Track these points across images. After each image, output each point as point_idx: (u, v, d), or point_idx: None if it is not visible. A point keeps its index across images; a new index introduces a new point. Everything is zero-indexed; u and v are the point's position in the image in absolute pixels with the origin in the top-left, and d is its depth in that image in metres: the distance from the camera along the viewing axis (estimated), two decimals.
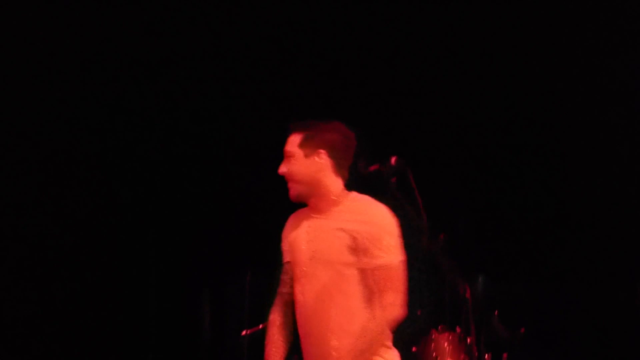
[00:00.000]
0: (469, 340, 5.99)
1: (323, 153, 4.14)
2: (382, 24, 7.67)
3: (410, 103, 7.51)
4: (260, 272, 6.70)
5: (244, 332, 5.49)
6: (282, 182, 4.30)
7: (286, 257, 4.33)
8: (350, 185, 4.28)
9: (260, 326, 5.30)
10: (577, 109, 7.29)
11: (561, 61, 7.37)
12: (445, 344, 6.31)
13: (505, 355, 6.07)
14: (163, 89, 7.99)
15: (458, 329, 6.25)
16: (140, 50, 7.83)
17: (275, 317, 4.31)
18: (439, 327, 6.39)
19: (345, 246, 3.98)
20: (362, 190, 4.49)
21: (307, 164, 4.16)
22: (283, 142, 4.35)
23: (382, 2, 7.66)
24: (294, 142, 4.19)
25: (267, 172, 4.60)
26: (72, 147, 7.71)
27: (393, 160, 5.24)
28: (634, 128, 7.21)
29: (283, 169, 4.21)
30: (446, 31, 7.55)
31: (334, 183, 4.16)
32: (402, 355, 6.38)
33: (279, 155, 4.33)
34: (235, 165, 7.95)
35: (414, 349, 6.44)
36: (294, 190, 4.18)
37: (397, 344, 6.58)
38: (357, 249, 3.96)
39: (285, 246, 4.34)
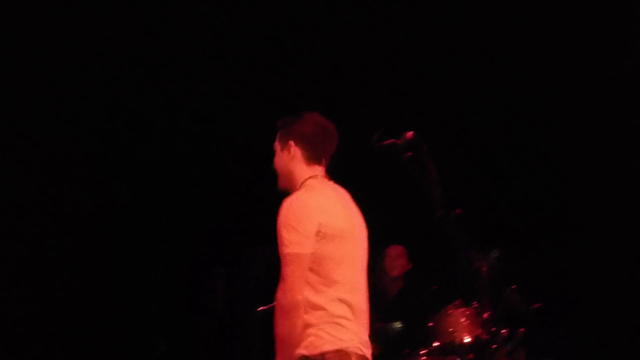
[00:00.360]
0: (485, 315, 5.98)
1: (292, 145, 4.32)
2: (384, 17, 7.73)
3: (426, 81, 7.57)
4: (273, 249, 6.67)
5: (259, 309, 5.44)
6: None
7: None
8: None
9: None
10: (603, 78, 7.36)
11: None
12: (462, 319, 6.31)
13: (522, 330, 6.06)
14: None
15: (475, 304, 6.24)
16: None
17: None
18: (456, 303, 6.39)
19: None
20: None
21: (282, 156, 4.37)
22: None
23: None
24: (276, 138, 4.43)
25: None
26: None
27: (409, 134, 5.27)
28: None
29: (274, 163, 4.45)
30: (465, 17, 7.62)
31: (302, 173, 4.31)
32: (420, 331, 6.45)
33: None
34: (243, 150, 7.95)
35: (430, 324, 6.43)
36: (279, 181, 4.40)
37: (413, 319, 6.63)
38: None
39: None
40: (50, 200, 7.55)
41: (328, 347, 4.00)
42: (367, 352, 4.11)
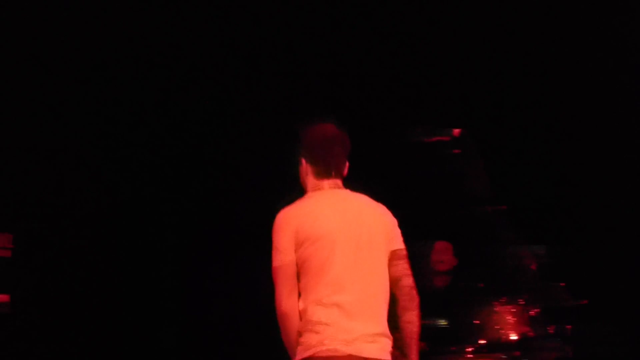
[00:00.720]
0: (532, 312, 6.00)
1: (303, 162, 4.34)
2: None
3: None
4: None
5: None
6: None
7: None
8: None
9: None
10: None
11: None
12: (509, 317, 6.33)
13: (569, 327, 6.07)
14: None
15: (521, 301, 6.26)
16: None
17: None
18: (502, 300, 6.41)
19: None
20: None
21: (300, 171, 4.39)
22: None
23: None
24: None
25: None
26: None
27: (456, 132, 5.26)
28: None
29: None
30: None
31: (310, 187, 4.34)
32: (467, 328, 6.46)
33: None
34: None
35: (476, 322, 6.45)
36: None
37: (459, 316, 6.63)
38: None
39: None
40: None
41: (303, 354, 4.06)
42: (355, 349, 4.06)
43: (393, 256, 4.27)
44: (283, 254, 4.09)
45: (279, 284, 4.10)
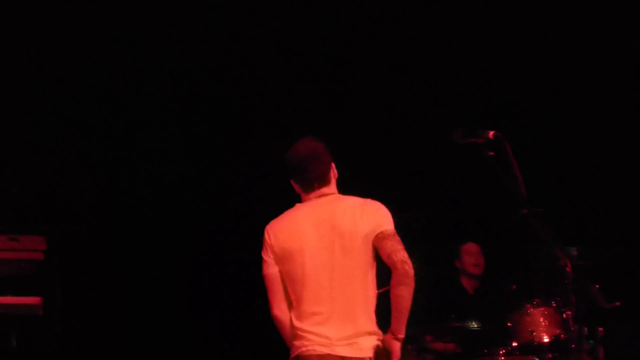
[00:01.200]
0: (564, 315, 5.98)
1: (291, 181, 4.68)
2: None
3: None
4: None
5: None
6: None
7: None
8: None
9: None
10: None
11: None
12: (541, 319, 6.31)
13: (601, 329, 6.05)
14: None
15: (554, 304, 6.24)
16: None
17: None
18: (535, 302, 6.39)
19: None
20: None
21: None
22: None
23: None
24: None
25: None
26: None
27: (491, 134, 5.22)
28: None
29: None
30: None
31: (302, 200, 4.67)
32: (499, 331, 6.45)
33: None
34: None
35: (509, 324, 6.43)
36: None
37: (492, 319, 6.60)
38: None
39: None
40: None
41: (292, 354, 4.53)
42: (333, 349, 4.42)
43: (379, 238, 4.48)
44: (267, 264, 4.56)
45: (269, 291, 4.57)
